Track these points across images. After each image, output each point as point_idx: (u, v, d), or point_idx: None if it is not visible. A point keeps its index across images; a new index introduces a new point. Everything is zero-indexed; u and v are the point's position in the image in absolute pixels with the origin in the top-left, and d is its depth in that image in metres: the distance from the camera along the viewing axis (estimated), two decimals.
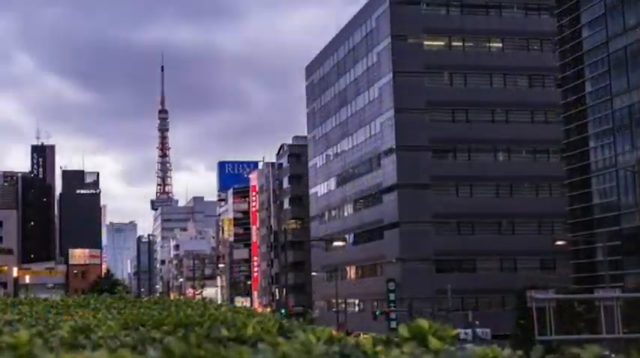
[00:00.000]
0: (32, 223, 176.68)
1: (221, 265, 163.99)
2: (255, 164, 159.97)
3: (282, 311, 77.41)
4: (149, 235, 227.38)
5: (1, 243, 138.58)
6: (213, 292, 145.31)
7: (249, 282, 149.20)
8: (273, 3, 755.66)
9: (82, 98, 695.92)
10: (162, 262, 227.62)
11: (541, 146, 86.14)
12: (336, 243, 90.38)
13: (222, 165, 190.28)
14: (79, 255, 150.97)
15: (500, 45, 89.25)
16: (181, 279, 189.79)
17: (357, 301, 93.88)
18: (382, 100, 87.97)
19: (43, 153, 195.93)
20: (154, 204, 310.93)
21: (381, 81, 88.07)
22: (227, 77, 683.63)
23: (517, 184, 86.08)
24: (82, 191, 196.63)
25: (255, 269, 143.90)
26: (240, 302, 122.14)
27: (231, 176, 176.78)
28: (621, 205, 66.05)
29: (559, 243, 69.45)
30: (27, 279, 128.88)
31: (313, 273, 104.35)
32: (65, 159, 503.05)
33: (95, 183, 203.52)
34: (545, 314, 35.96)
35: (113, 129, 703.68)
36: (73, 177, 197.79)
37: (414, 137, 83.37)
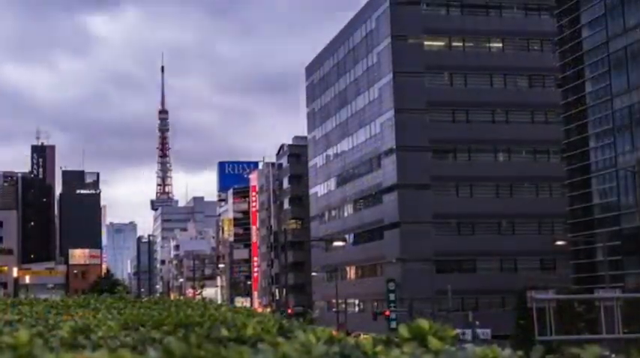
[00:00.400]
0: (32, 223, 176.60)
1: (221, 265, 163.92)
2: (255, 164, 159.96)
3: (281, 312, 77.34)
4: (149, 235, 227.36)
5: (1, 243, 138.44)
6: (213, 292, 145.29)
7: (249, 282, 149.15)
8: None
9: None
10: (163, 262, 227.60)
11: (541, 146, 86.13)
12: (336, 243, 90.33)
13: (222, 166, 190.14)
14: (79, 255, 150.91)
15: (500, 45, 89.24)
16: (181, 279, 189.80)
17: (357, 301, 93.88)
18: (382, 101, 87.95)
19: (43, 154, 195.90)
20: (153, 205, 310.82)
21: (381, 81, 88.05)
22: None
23: (517, 184, 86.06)
24: (82, 191, 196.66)
25: (255, 269, 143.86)
26: (240, 302, 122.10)
27: (231, 176, 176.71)
28: (621, 205, 66.05)
29: (559, 243, 69.42)
30: (27, 279, 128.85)
31: (313, 273, 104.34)
32: None
33: (95, 183, 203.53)
34: (545, 314, 35.94)
35: None
36: (73, 177, 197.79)
37: (414, 137, 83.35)
